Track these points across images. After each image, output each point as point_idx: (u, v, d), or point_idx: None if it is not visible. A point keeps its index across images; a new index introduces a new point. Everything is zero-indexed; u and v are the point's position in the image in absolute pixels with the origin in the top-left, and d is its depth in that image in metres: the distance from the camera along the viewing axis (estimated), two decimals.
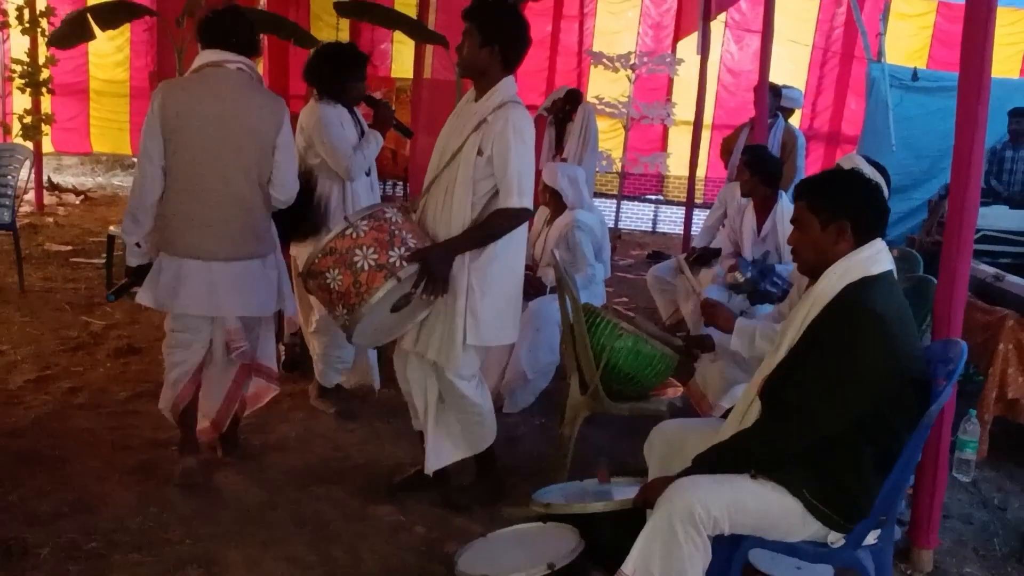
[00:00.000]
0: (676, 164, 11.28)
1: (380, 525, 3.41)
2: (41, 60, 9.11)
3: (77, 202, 10.97)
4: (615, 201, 10.98)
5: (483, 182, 3.20)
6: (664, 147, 11.59)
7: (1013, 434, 4.50)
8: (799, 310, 2.47)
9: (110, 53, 12.00)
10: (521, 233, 3.33)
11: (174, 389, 3.66)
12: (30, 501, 3.44)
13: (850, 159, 3.97)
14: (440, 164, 3.31)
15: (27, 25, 9.09)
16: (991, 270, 4.90)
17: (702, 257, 5.94)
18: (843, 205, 2.40)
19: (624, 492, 2.84)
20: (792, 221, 2.56)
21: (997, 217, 7.74)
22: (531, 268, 5.23)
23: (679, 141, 11.14)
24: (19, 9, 9.39)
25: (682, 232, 9.89)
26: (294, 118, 3.87)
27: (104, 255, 6.80)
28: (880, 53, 9.74)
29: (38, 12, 9.07)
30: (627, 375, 3.61)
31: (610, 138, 11.19)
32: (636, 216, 11.58)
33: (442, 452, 3.44)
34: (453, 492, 3.56)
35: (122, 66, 12.24)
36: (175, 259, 3.51)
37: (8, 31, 10.25)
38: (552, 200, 5.22)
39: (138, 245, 3.57)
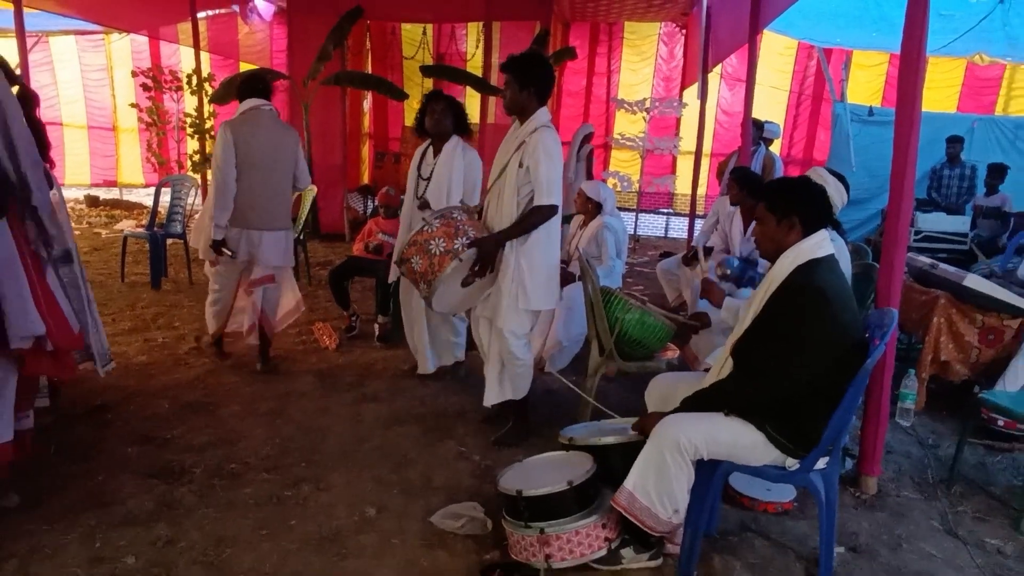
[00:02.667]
0: (682, 184, 11.23)
1: (446, 455, 3.44)
2: (205, 113, 9.34)
3: None
4: (634, 213, 10.91)
5: (524, 187, 3.29)
6: (673, 171, 11.50)
7: (945, 389, 4.38)
8: (761, 287, 2.43)
9: None
10: (556, 223, 3.37)
11: (217, 320, 4.55)
12: (188, 435, 3.55)
13: (817, 171, 3.86)
14: (495, 175, 3.42)
15: (195, 88, 9.33)
16: (928, 260, 4.75)
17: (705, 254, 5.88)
18: (792, 204, 2.36)
19: (628, 431, 2.83)
20: (755, 218, 2.52)
21: (936, 221, 7.62)
22: (564, 263, 5.24)
23: (684, 166, 11.06)
24: (189, 76, 9.66)
25: (687, 236, 9.78)
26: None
27: None
28: (843, 95, 9.55)
29: (203, 77, 9.29)
30: (635, 340, 3.59)
31: (630, 165, 11.12)
32: (651, 225, 11.51)
33: (493, 393, 3.52)
34: (498, 433, 3.59)
35: None
36: (243, 231, 4.25)
37: (182, 92, 10.56)
38: (591, 208, 5.23)
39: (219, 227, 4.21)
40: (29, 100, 3.19)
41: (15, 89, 2.77)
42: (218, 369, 4.50)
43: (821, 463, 2.34)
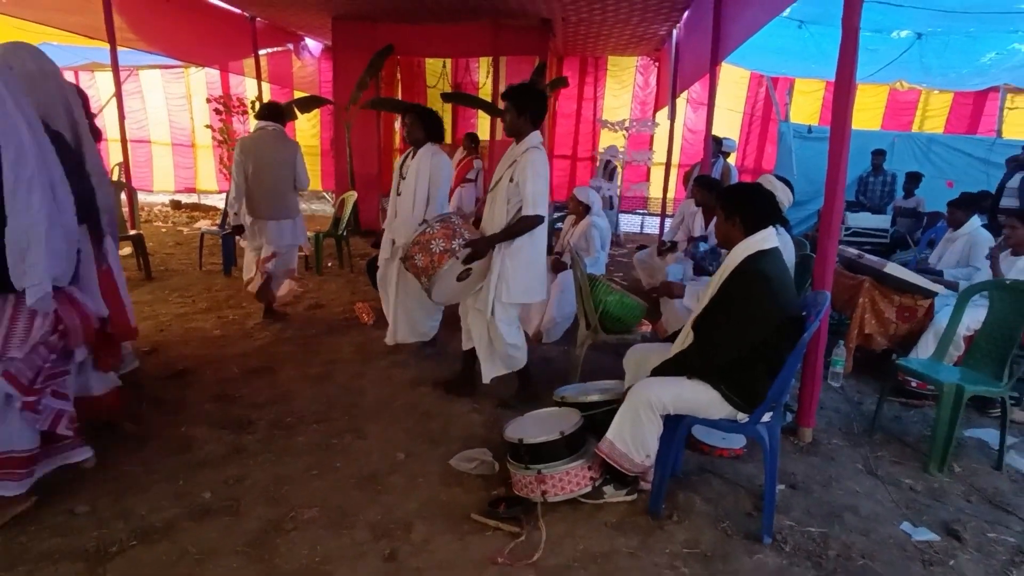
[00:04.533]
0: (654, 189, 11.08)
1: (462, 410, 3.43)
2: None
3: None
4: (616, 214, 10.81)
5: (514, 199, 3.18)
6: (647, 179, 11.37)
7: (868, 357, 4.33)
8: (718, 273, 2.40)
9: (308, 128, 12.18)
10: (542, 230, 3.26)
11: (254, 283, 4.78)
12: (253, 394, 3.55)
13: (767, 178, 3.80)
14: (492, 186, 3.33)
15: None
16: (855, 251, 4.69)
17: (670, 247, 5.81)
18: (738, 206, 2.33)
19: (609, 389, 2.82)
20: (715, 215, 2.49)
21: (863, 219, 7.58)
22: (559, 254, 5.21)
23: (657, 175, 10.90)
24: (252, 102, 9.58)
25: (658, 232, 9.71)
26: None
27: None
28: (787, 116, 9.41)
29: (263, 103, 9.20)
30: (616, 317, 3.56)
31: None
32: (630, 223, 11.36)
33: (490, 369, 3.43)
34: (507, 396, 3.53)
35: (315, 135, 12.40)
36: (257, 220, 4.60)
37: (247, 115, 10.48)
38: (581, 209, 5.18)
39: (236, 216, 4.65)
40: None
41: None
42: (277, 340, 4.49)
43: (766, 417, 2.32)
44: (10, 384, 2.15)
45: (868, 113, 10.32)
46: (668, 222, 8.42)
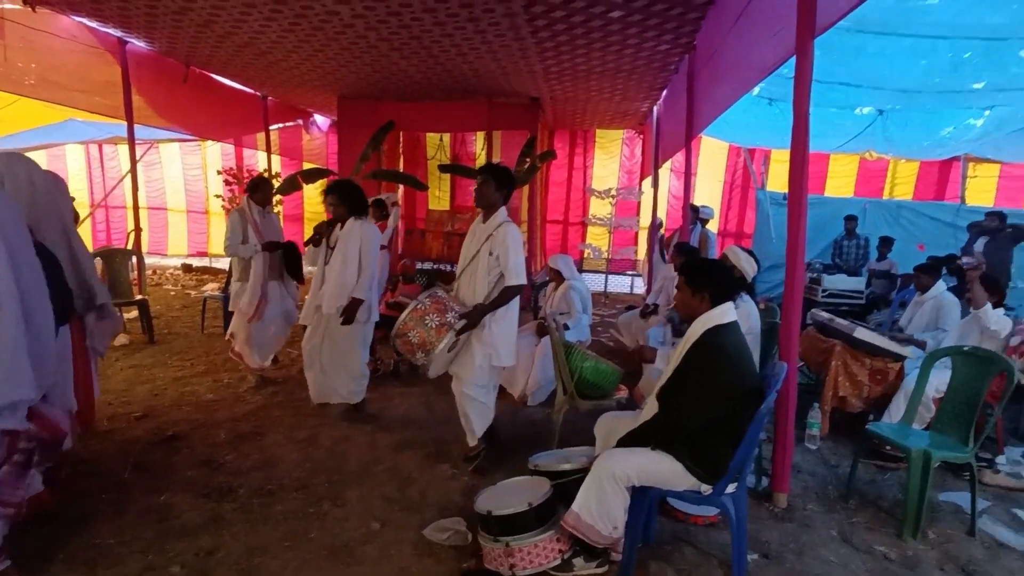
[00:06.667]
0: (641, 252, 11.18)
1: (441, 476, 3.35)
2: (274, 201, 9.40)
3: None
4: (605, 275, 10.87)
5: (494, 271, 3.23)
6: (635, 243, 11.47)
7: (844, 418, 4.25)
8: (681, 344, 2.37)
9: (316, 196, 12.33)
10: (516, 299, 3.30)
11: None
12: (239, 460, 3.47)
13: (732, 250, 3.84)
14: (466, 261, 3.33)
15: None
16: (826, 315, 4.67)
17: (653, 310, 5.81)
18: (704, 282, 2.32)
19: (582, 457, 2.74)
20: (676, 287, 2.48)
21: (839, 282, 7.59)
22: (543, 319, 5.19)
23: (643, 238, 11.01)
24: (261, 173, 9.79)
25: (645, 292, 9.72)
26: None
27: None
28: (763, 184, 9.59)
29: (272, 174, 9.40)
30: (592, 383, 3.51)
31: (601, 238, 11.11)
32: (619, 284, 11.41)
33: (471, 431, 3.41)
34: (477, 460, 3.44)
35: (319, 202, 12.57)
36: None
37: None
38: (556, 276, 5.19)
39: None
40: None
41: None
42: (268, 404, 4.43)
43: (730, 488, 2.25)
44: None
45: (841, 180, 10.52)
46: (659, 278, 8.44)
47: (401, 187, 11.19)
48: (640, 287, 11.14)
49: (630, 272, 11.88)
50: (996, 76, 5.79)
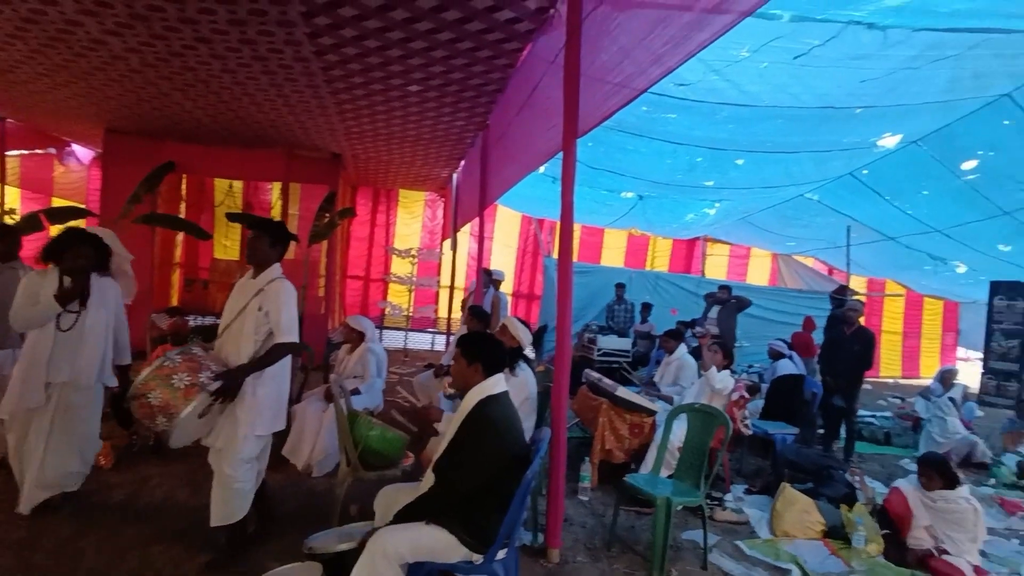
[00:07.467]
0: (442, 310, 11.40)
1: (201, 572, 2.93)
2: None
3: None
4: (405, 332, 10.85)
5: (263, 327, 2.95)
6: (436, 302, 11.66)
7: (613, 469, 4.60)
8: (456, 415, 2.44)
9: None
10: (287, 359, 3.05)
11: None
12: None
13: (510, 320, 4.06)
14: (231, 317, 3.00)
15: None
16: (596, 375, 5.15)
17: (447, 371, 5.90)
18: (477, 354, 2.43)
19: (362, 535, 2.63)
20: (453, 358, 2.56)
21: (611, 342, 8.37)
22: (341, 385, 4.96)
23: (444, 297, 11.26)
24: None
25: (445, 350, 9.89)
26: None
27: None
28: (550, 251, 10.50)
29: (4, 210, 7.85)
30: (377, 451, 3.41)
31: (402, 296, 11.13)
32: (420, 341, 11.46)
33: (221, 515, 2.97)
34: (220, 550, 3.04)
35: None
36: None
37: None
38: (356, 337, 5.02)
39: None
40: None
41: None
42: None
43: (501, 554, 2.33)
44: None
45: (614, 252, 11.98)
46: (452, 340, 8.63)
47: (181, 234, 10.13)
48: (441, 345, 11.30)
49: (431, 330, 12.02)
50: (721, 177, 7.17)
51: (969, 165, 5.96)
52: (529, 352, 3.83)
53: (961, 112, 5.06)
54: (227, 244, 10.74)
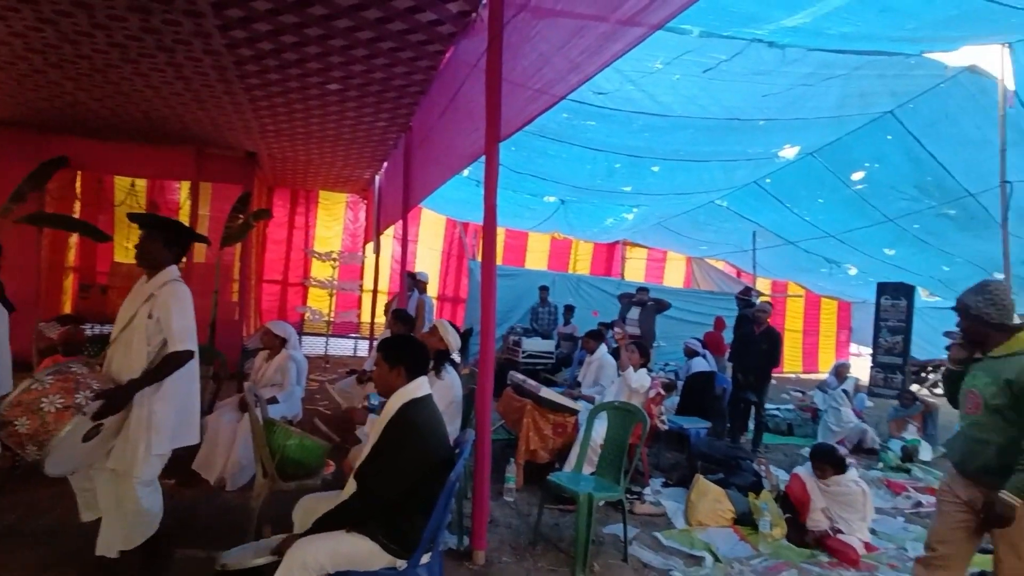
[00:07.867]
0: (365, 315, 11.13)
1: None
2: None
3: None
4: (327, 338, 10.52)
5: (156, 337, 2.70)
6: (359, 306, 11.38)
7: (538, 469, 4.63)
8: (379, 420, 2.37)
9: None
10: (194, 365, 2.81)
11: None
12: None
13: (442, 324, 4.03)
14: (121, 326, 2.75)
15: None
16: (521, 377, 5.20)
17: (370, 377, 5.79)
18: (399, 357, 2.39)
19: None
20: (375, 363, 2.51)
21: (536, 344, 8.47)
22: (256, 393, 4.73)
23: (367, 301, 11.00)
24: None
25: (367, 356, 9.69)
26: None
27: None
28: (475, 255, 10.52)
29: None
30: (296, 460, 3.28)
31: (322, 300, 10.78)
32: (341, 346, 11.13)
33: (118, 540, 2.73)
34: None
35: None
36: None
37: None
38: (277, 343, 4.79)
39: None
40: None
41: None
42: None
43: (425, 559, 2.30)
44: None
45: (537, 255, 12.15)
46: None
47: (75, 235, 9.35)
48: (364, 350, 11.03)
49: (353, 335, 11.71)
50: (638, 183, 7.45)
51: (858, 176, 6.52)
52: (456, 356, 3.81)
53: (850, 127, 5.53)
54: (128, 247, 9.99)
